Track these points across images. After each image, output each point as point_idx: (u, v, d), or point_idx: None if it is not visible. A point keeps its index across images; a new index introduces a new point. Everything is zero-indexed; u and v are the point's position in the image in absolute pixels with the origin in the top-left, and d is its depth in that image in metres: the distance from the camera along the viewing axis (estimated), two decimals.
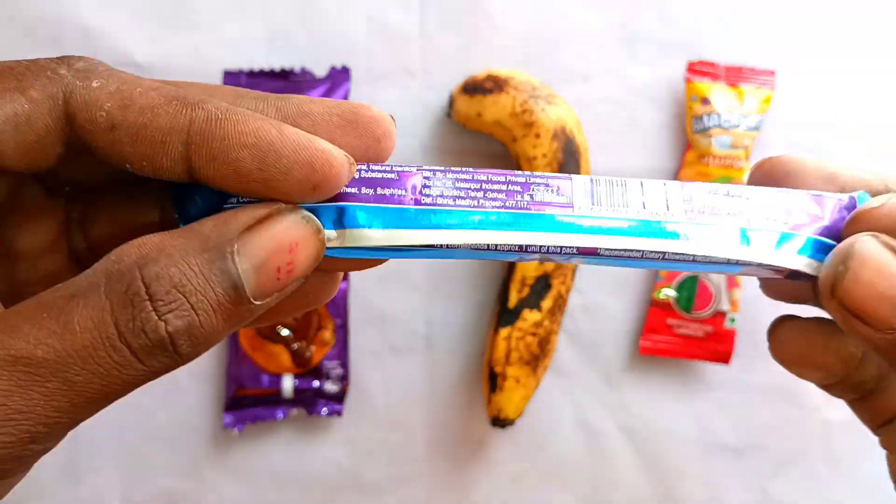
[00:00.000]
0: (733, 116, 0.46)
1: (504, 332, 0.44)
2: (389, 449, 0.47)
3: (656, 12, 0.47)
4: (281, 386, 0.45)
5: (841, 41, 0.47)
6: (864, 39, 0.47)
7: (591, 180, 0.20)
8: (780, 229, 0.20)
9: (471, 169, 0.20)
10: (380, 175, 0.20)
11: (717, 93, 0.46)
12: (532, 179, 0.20)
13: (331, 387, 0.46)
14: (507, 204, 0.20)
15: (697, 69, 0.46)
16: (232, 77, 0.44)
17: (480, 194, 0.20)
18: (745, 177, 0.46)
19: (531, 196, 0.20)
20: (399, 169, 0.20)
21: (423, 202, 0.19)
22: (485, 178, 0.20)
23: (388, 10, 0.46)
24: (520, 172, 0.20)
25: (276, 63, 0.45)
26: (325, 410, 0.46)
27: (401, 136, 0.46)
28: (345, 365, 0.46)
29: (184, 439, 0.46)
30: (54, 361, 0.15)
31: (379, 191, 0.19)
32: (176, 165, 0.17)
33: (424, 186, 0.20)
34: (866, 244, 0.18)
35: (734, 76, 0.46)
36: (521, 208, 0.20)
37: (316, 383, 0.46)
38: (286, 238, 0.17)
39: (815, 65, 0.47)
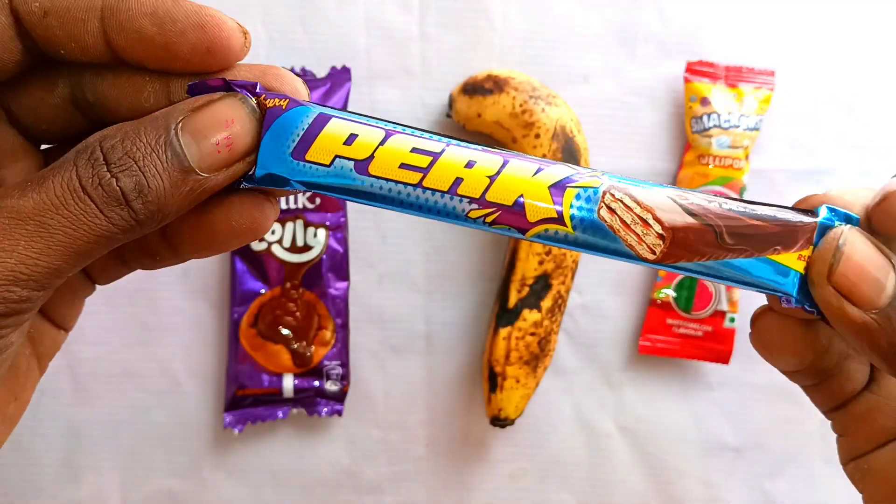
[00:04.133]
0: (733, 117, 0.46)
1: (504, 331, 0.44)
2: (389, 449, 0.47)
3: (656, 12, 0.47)
4: (281, 386, 0.45)
5: (841, 41, 0.47)
6: (864, 39, 0.47)
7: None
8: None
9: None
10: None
11: (716, 93, 0.46)
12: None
13: (331, 387, 0.46)
14: None
15: (697, 69, 0.46)
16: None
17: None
18: (745, 178, 0.46)
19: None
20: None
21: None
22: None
23: (388, 10, 0.46)
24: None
25: (276, 63, 0.45)
26: (325, 410, 0.46)
27: None
28: (345, 365, 0.46)
29: (184, 439, 0.47)
30: (33, 208, 0.18)
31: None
32: (97, 42, 0.20)
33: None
34: (852, 233, 0.21)
35: (734, 76, 0.46)
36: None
37: (316, 383, 0.46)
38: (222, 114, 0.20)
39: (815, 65, 0.47)
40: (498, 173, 0.21)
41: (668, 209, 0.21)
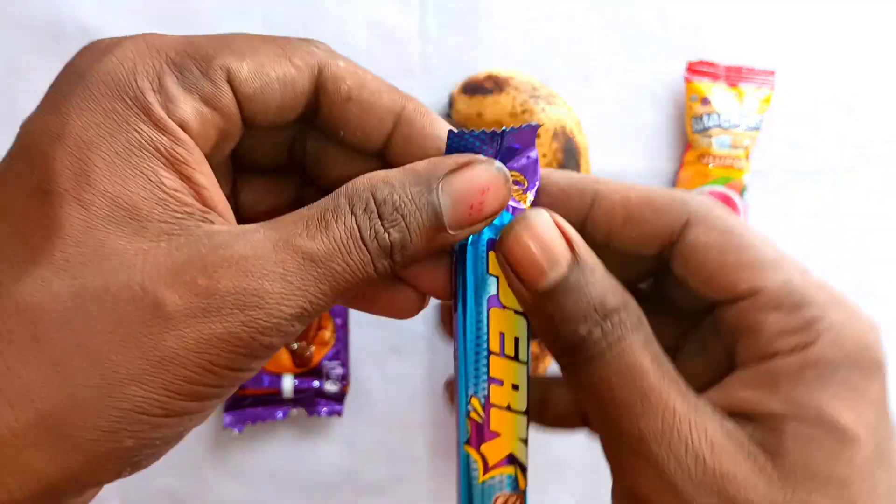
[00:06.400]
0: (733, 116, 0.46)
1: None
2: (389, 449, 0.47)
3: (656, 12, 0.47)
4: (281, 386, 0.45)
5: (841, 41, 0.47)
6: (864, 39, 0.47)
7: None
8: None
9: None
10: None
11: (717, 93, 0.46)
12: None
13: (331, 387, 0.46)
14: None
15: (697, 69, 0.46)
16: None
17: None
18: (745, 178, 0.46)
19: None
20: None
21: None
22: None
23: (388, 10, 0.46)
24: None
25: None
26: (325, 410, 0.46)
27: None
28: (345, 365, 0.46)
29: (184, 439, 0.46)
30: (324, 253, 0.19)
31: None
32: (380, 137, 0.22)
33: None
34: (539, 214, 0.21)
35: (734, 76, 0.46)
36: None
37: (316, 383, 0.46)
38: (481, 180, 0.21)
39: (815, 65, 0.47)
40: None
41: None
